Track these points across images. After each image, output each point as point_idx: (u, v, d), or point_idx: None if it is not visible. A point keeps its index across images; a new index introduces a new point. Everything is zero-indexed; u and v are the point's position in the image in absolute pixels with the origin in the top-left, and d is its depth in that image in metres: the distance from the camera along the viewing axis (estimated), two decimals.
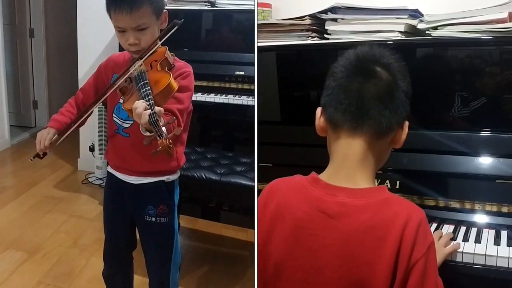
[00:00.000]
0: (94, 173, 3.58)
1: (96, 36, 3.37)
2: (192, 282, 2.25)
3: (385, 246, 0.93)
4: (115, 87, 1.35)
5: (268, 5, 2.20)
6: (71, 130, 1.44)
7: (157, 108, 1.20)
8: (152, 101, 1.23)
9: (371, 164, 1.03)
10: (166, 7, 1.44)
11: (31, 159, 1.47)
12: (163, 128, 1.19)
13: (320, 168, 1.06)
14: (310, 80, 1.70)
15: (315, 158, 1.09)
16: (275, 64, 1.74)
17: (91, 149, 3.60)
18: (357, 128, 1.00)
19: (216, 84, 2.59)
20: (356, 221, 0.96)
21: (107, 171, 1.61)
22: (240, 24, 2.64)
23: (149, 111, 1.18)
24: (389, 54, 1.04)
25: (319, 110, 1.07)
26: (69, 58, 4.33)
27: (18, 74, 4.87)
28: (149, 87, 1.27)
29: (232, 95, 2.57)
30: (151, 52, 1.36)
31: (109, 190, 1.63)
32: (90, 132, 3.53)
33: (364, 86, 1.00)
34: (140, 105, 1.20)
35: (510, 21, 1.46)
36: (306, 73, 1.73)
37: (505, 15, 1.46)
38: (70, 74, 4.10)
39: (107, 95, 1.40)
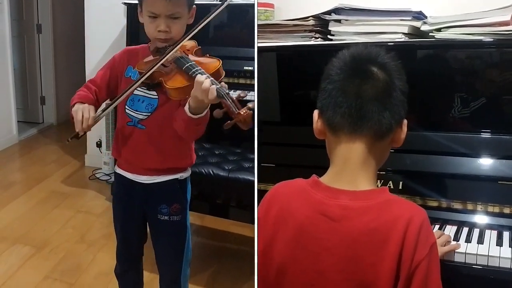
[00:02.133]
0: (101, 169, 3.58)
1: (104, 32, 3.37)
2: (199, 278, 2.24)
3: (387, 248, 0.93)
4: (152, 70, 1.32)
5: (271, 5, 2.18)
6: (113, 106, 1.38)
7: (222, 83, 1.21)
8: (212, 78, 1.22)
9: (372, 166, 1.02)
10: None
11: (68, 140, 1.37)
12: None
13: (322, 169, 1.06)
14: (310, 81, 1.68)
15: (317, 158, 1.09)
16: (276, 65, 1.74)
17: (98, 145, 3.60)
18: (357, 131, 0.99)
19: (225, 80, 2.56)
20: (358, 223, 0.96)
21: (116, 172, 1.56)
22: (248, 19, 2.62)
23: (214, 86, 1.18)
24: (384, 53, 1.03)
25: (316, 113, 1.06)
26: (76, 53, 4.33)
27: (26, 70, 4.88)
28: (200, 67, 1.26)
29: (240, 91, 2.54)
30: (189, 36, 1.35)
31: (119, 191, 1.59)
32: (97, 128, 3.50)
33: (362, 87, 0.98)
34: (206, 79, 1.20)
35: None
36: (306, 74, 1.72)
37: (508, 17, 1.47)
38: (77, 70, 4.10)
39: (141, 79, 1.35)
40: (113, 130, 3.13)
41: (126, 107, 1.45)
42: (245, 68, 2.53)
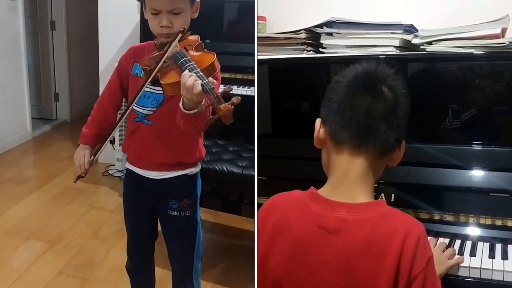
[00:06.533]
0: (114, 165, 3.60)
1: (117, 28, 3.38)
2: (212, 275, 2.24)
3: (384, 261, 0.93)
4: (156, 69, 1.33)
5: (263, 18, 2.15)
6: (107, 141, 1.49)
7: (210, 78, 1.21)
8: (201, 73, 1.22)
9: (370, 180, 1.03)
10: None
11: (75, 181, 1.52)
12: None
13: (314, 181, 1.06)
14: (302, 93, 1.70)
15: (309, 171, 1.10)
16: (268, 78, 1.73)
17: (112, 141, 3.61)
18: (362, 146, 1.00)
19: (239, 76, 2.56)
20: (355, 236, 0.96)
21: (126, 168, 1.59)
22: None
23: (200, 81, 1.19)
24: (393, 74, 1.04)
25: (318, 121, 1.06)
26: (90, 50, 4.35)
27: (40, 67, 4.92)
28: (193, 63, 1.27)
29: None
30: (182, 35, 1.36)
31: (129, 187, 1.60)
32: None
33: (373, 105, 0.99)
34: (188, 77, 1.20)
35: (502, 37, 1.48)
36: (298, 86, 1.72)
37: (498, 30, 1.47)
38: (91, 67, 4.12)
39: (147, 82, 1.37)
40: (126, 127, 3.13)
41: (133, 103, 1.45)
42: None
